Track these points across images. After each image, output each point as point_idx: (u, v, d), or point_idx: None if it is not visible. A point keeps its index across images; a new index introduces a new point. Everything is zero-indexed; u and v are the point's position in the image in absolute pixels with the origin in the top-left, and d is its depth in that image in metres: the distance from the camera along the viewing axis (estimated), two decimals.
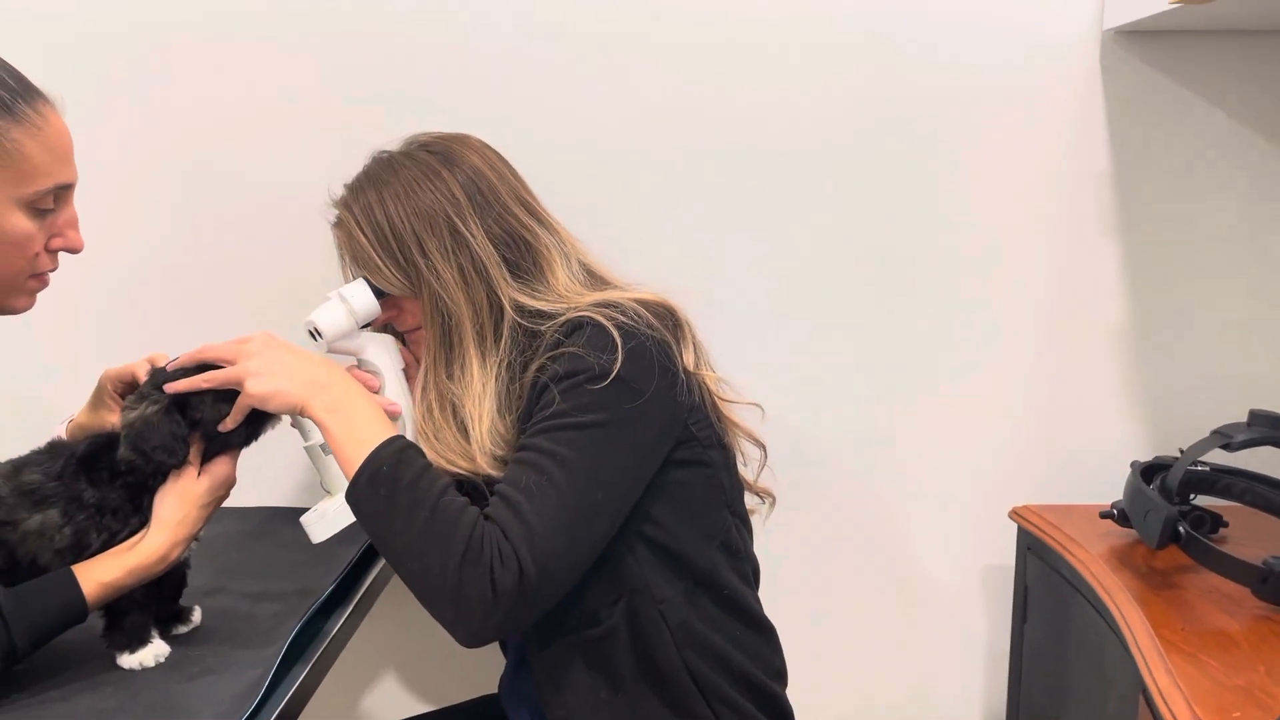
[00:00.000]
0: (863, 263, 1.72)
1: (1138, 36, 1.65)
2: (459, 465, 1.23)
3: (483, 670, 1.64)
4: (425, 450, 1.22)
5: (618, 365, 1.14)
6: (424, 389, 1.28)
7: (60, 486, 1.14)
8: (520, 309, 1.24)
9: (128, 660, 1.15)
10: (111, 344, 1.61)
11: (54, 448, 1.19)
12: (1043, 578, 1.59)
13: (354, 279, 1.31)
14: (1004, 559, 1.75)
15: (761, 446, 1.37)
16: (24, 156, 1.07)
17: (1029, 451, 1.75)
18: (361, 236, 1.27)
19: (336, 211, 1.32)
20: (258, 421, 1.19)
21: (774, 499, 1.40)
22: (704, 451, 1.25)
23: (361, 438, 1.12)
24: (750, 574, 1.34)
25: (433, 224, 1.25)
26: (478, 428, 1.22)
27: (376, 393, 1.30)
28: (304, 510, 1.64)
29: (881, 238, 1.71)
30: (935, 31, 1.66)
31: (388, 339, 1.35)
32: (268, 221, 1.68)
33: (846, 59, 1.66)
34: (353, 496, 1.12)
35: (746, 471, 1.37)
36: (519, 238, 1.28)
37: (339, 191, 1.33)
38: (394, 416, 1.29)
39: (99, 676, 1.14)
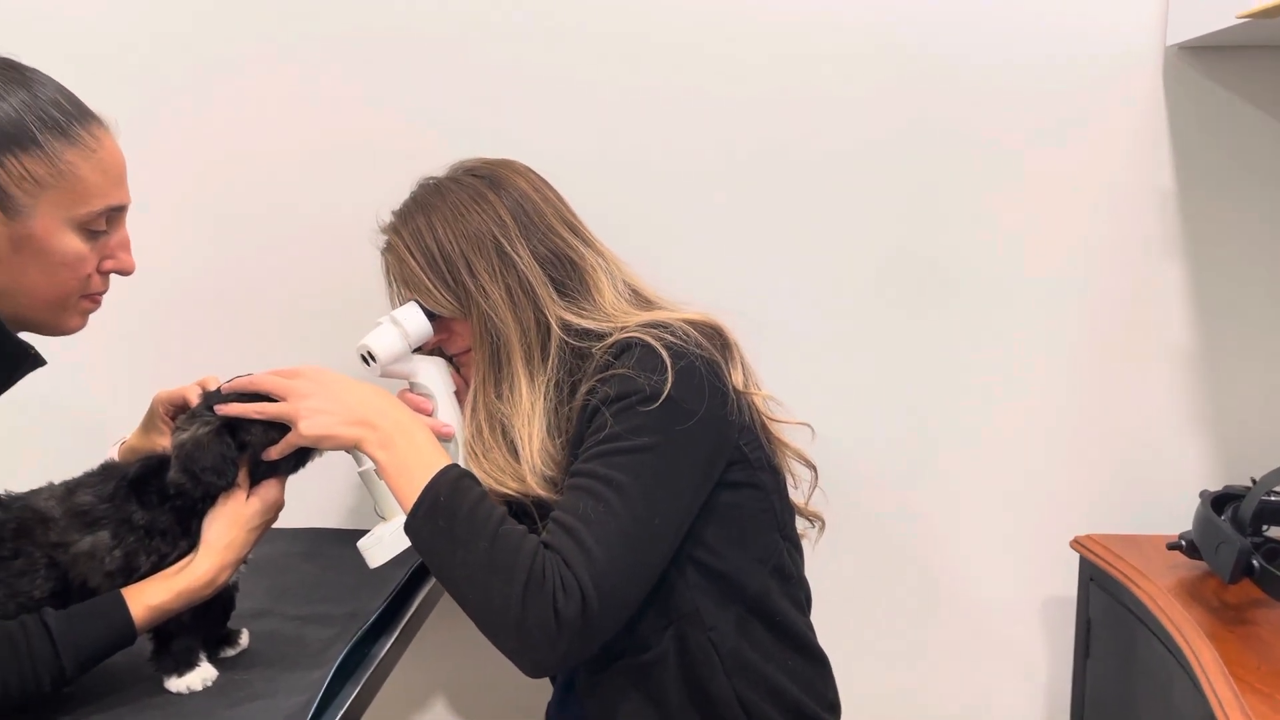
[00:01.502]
0: (916, 282, 1.69)
1: (1202, 52, 1.61)
2: (508, 486, 1.23)
3: (530, 696, 1.62)
4: (474, 469, 1.23)
5: (668, 386, 1.14)
6: (473, 409, 1.28)
7: (111, 509, 1.15)
8: (567, 328, 1.25)
9: (175, 684, 1.15)
10: (162, 366, 1.61)
11: (106, 469, 1.20)
12: (1107, 610, 1.54)
13: (403, 303, 1.32)
14: (1065, 590, 1.70)
15: (812, 467, 1.35)
16: (78, 178, 1.08)
17: (1092, 479, 1.71)
18: (411, 260, 1.29)
19: (386, 237, 1.34)
20: (305, 453, 1.20)
21: (824, 523, 1.38)
22: (755, 473, 1.24)
23: (416, 471, 1.13)
24: (803, 600, 1.32)
25: (480, 246, 1.26)
26: (528, 448, 1.23)
27: (429, 415, 1.32)
28: (352, 532, 1.64)
29: (935, 256, 1.68)
30: (994, 47, 1.63)
31: (439, 361, 1.36)
32: (316, 247, 1.69)
33: (900, 75, 1.64)
34: (411, 529, 1.12)
35: (796, 494, 1.35)
36: (565, 258, 1.29)
37: (387, 218, 1.34)
38: (446, 438, 1.29)
39: (146, 700, 1.13)
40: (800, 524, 1.35)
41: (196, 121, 1.67)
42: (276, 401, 1.16)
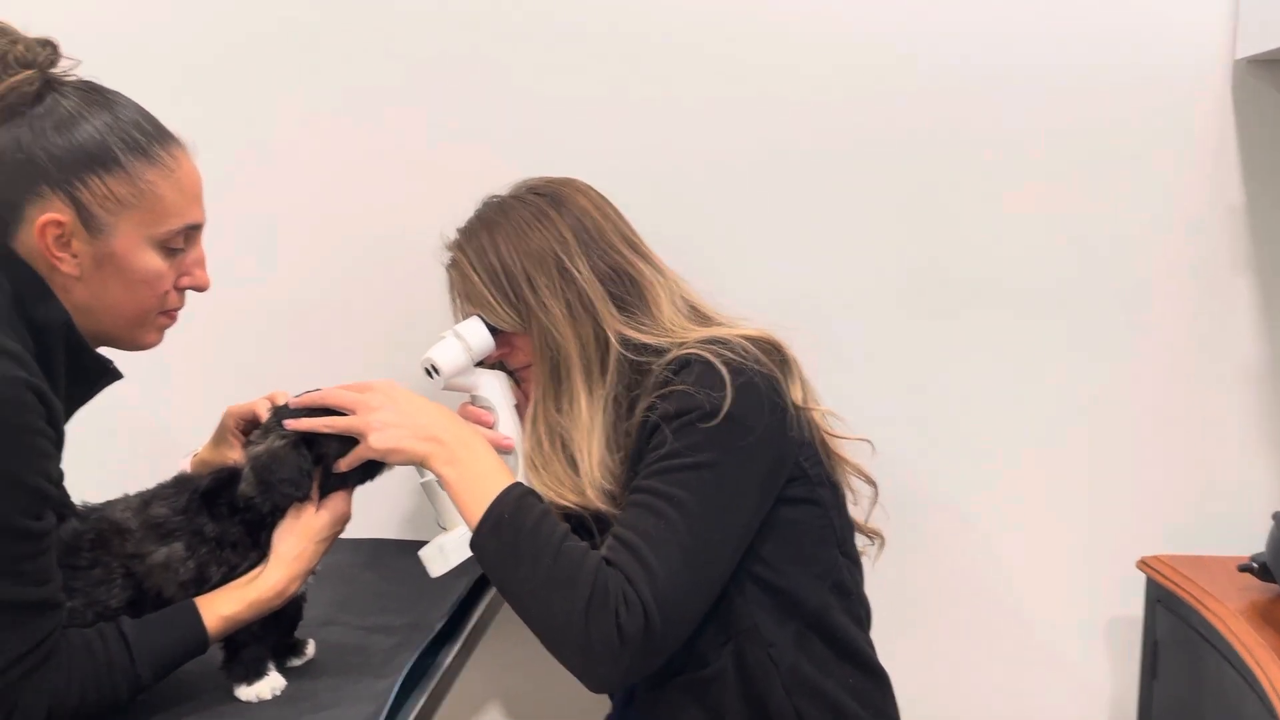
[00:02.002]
0: (978, 298, 1.67)
1: (1272, 65, 1.58)
2: (568, 499, 1.24)
3: (589, 709, 1.62)
4: (534, 481, 1.24)
5: (727, 402, 1.14)
6: (533, 422, 1.30)
7: (185, 520, 1.17)
8: (626, 342, 1.26)
9: (245, 692, 1.17)
10: (230, 380, 1.63)
11: (179, 482, 1.22)
12: (1174, 632, 1.51)
13: (466, 318, 1.33)
14: (1131, 611, 1.67)
15: (872, 483, 1.35)
16: (157, 197, 1.11)
17: (1159, 499, 1.67)
18: (475, 276, 1.31)
19: (451, 254, 1.37)
20: (374, 465, 1.22)
21: (883, 540, 1.38)
22: (814, 489, 1.25)
23: (481, 488, 1.15)
24: (863, 616, 1.32)
25: (542, 262, 1.28)
26: (587, 461, 1.24)
27: (490, 428, 1.33)
28: (410, 542, 1.65)
29: (998, 272, 1.66)
30: (1057, 57, 1.61)
31: (501, 375, 1.37)
32: (382, 262, 1.71)
33: (963, 92, 1.63)
34: (476, 545, 1.15)
35: (856, 510, 1.35)
36: (624, 274, 1.30)
37: (453, 235, 1.37)
38: (507, 451, 1.31)
39: (216, 708, 1.15)
40: (860, 541, 1.35)
41: (266, 140, 1.70)
42: (346, 415, 1.18)
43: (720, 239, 1.67)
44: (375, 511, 1.73)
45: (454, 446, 1.17)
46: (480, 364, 1.36)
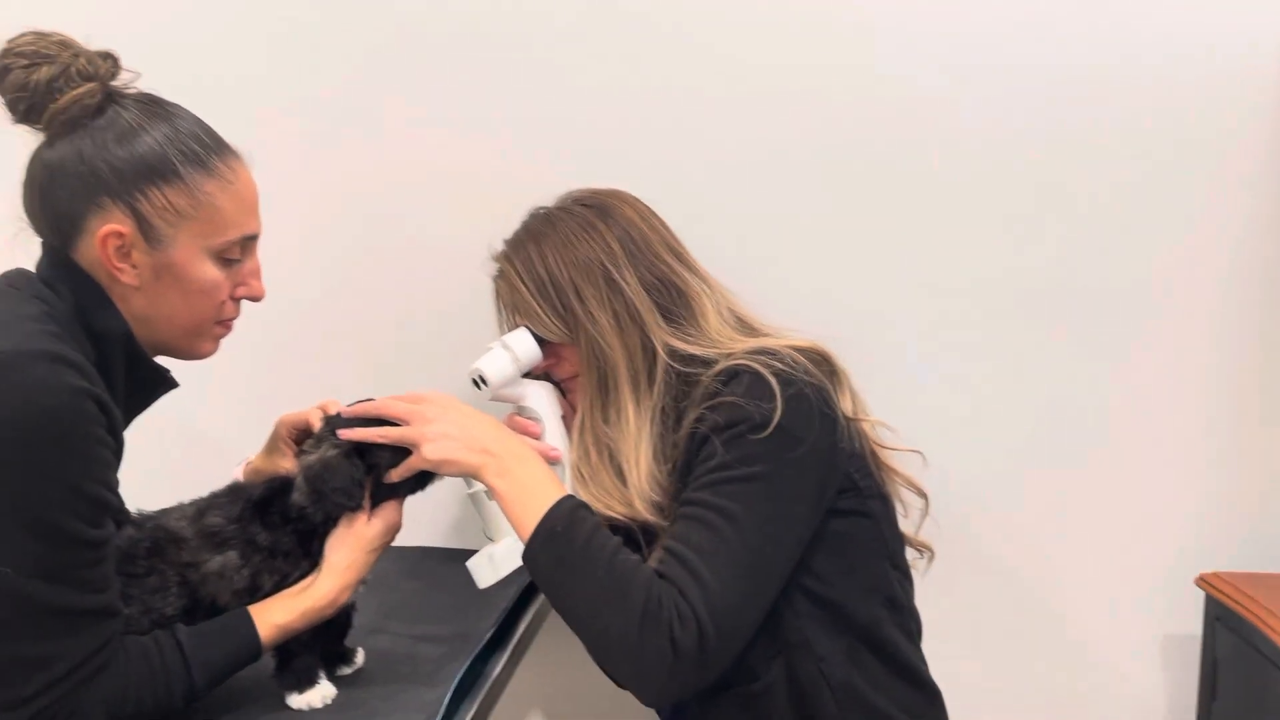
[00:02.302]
0: (1030, 304, 1.65)
1: None
2: (615, 510, 1.24)
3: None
4: (581, 492, 1.25)
5: (778, 414, 1.14)
6: (580, 432, 1.30)
7: (238, 529, 1.18)
8: (673, 353, 1.26)
9: (296, 701, 1.17)
10: (281, 388, 1.65)
11: (233, 491, 1.23)
12: (1235, 651, 1.48)
13: (514, 329, 1.34)
14: (1189, 629, 1.64)
15: (923, 495, 1.34)
16: (215, 208, 1.12)
17: (1218, 514, 1.64)
18: (523, 287, 1.32)
19: (498, 265, 1.37)
20: (425, 476, 1.22)
21: (933, 553, 1.36)
22: (865, 501, 1.24)
23: (534, 501, 1.15)
24: (914, 630, 1.30)
25: (589, 273, 1.29)
26: (635, 473, 1.24)
27: (537, 439, 1.34)
28: (457, 550, 1.65)
29: (1051, 277, 1.64)
30: (1121, 64, 1.59)
31: (548, 386, 1.38)
32: (429, 273, 1.72)
33: (1019, 94, 1.60)
34: (529, 558, 1.15)
35: (906, 523, 1.33)
36: (671, 284, 1.30)
37: (500, 246, 1.38)
38: (554, 462, 1.31)
39: (268, 716, 1.16)
40: (909, 554, 1.33)
41: (315, 150, 1.71)
42: (400, 426, 1.18)
43: (766, 248, 1.66)
44: (420, 520, 1.72)
45: (506, 459, 1.18)
46: (527, 375, 1.37)
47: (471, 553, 1.59)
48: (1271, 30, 1.56)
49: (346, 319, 1.74)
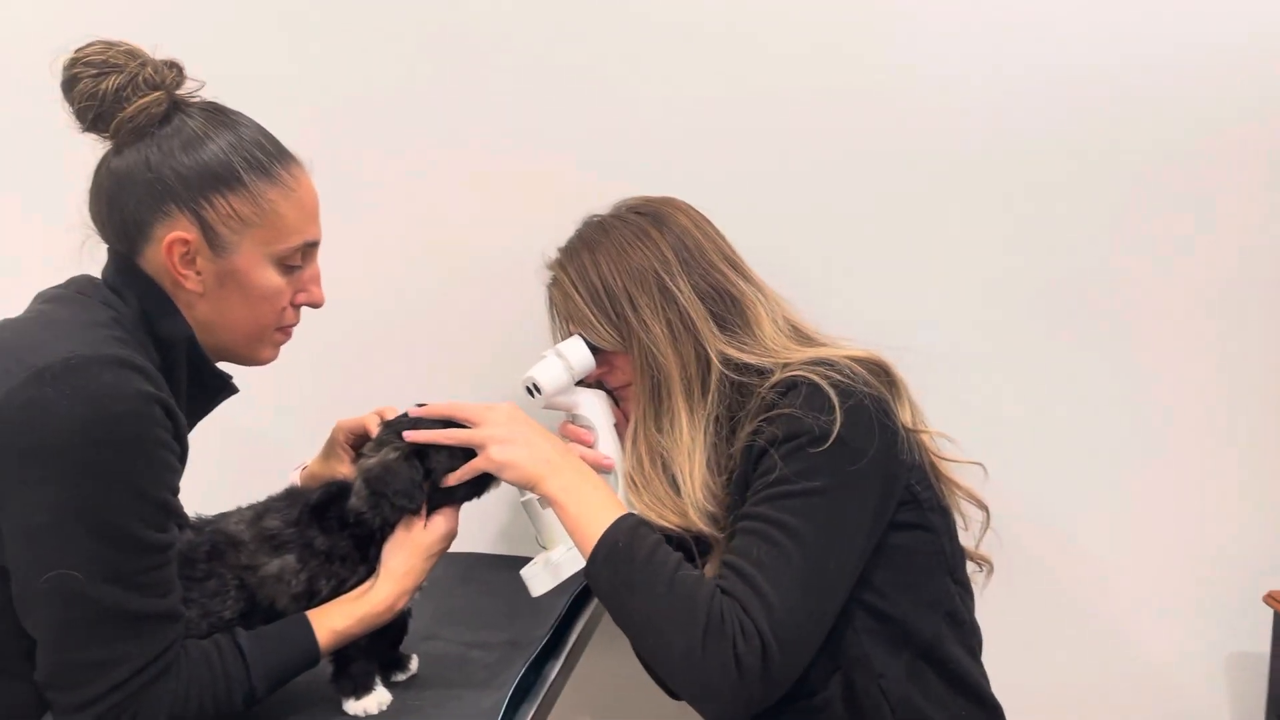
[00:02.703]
0: (1092, 313, 1.61)
1: None
2: (669, 520, 1.24)
3: None
4: (634, 501, 1.24)
5: (837, 426, 1.13)
6: (634, 441, 1.30)
7: (296, 533, 1.18)
8: (728, 361, 1.25)
9: (353, 706, 1.18)
10: (336, 394, 1.66)
11: (291, 495, 1.24)
12: None
13: (567, 337, 1.34)
14: (1256, 646, 1.60)
15: (984, 508, 1.32)
16: (278, 215, 1.13)
17: None
18: (576, 295, 1.32)
19: (552, 273, 1.37)
20: (484, 481, 1.22)
21: (992, 566, 1.34)
22: (925, 514, 1.22)
23: (594, 518, 1.16)
24: (975, 646, 1.28)
25: (643, 282, 1.28)
26: (689, 483, 1.23)
27: (590, 447, 1.34)
28: (506, 557, 1.65)
29: (1112, 283, 1.60)
30: (1196, 65, 1.54)
31: (601, 394, 1.37)
32: (482, 281, 1.72)
33: (1083, 96, 1.56)
34: (591, 573, 1.15)
35: (967, 536, 1.31)
36: (725, 293, 1.29)
37: (554, 254, 1.38)
38: (607, 471, 1.31)
39: None
40: (968, 567, 1.31)
41: (371, 157, 1.72)
42: (466, 428, 1.20)
43: (820, 256, 1.64)
44: (469, 526, 1.73)
45: (569, 473, 1.19)
46: (580, 383, 1.36)
47: (521, 560, 1.59)
48: None
49: (402, 326, 1.75)
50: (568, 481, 1.18)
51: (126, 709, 1.02)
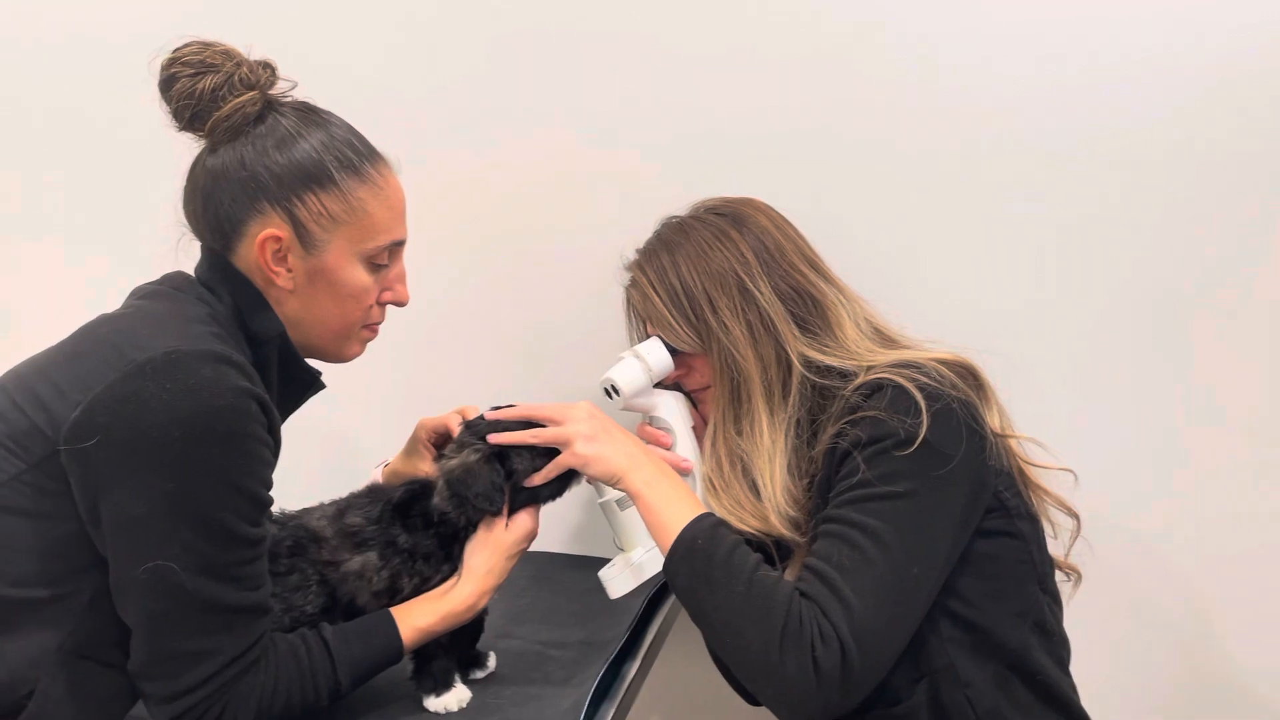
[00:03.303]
0: (1192, 312, 1.54)
1: None
2: (749, 524, 1.22)
3: None
4: (713, 505, 1.23)
5: (923, 429, 1.11)
6: (713, 444, 1.29)
7: (378, 530, 1.19)
8: (809, 364, 1.24)
9: (433, 703, 1.18)
10: (415, 392, 1.68)
11: (373, 492, 1.25)
12: None
13: (645, 339, 1.34)
14: None
15: (1075, 516, 1.28)
16: (367, 214, 1.14)
17: None
18: (655, 297, 1.31)
19: (630, 274, 1.37)
20: (566, 479, 1.23)
21: (1080, 575, 1.31)
22: (1013, 521, 1.19)
23: (674, 514, 1.15)
24: (1065, 657, 1.25)
25: (723, 283, 1.27)
26: (770, 486, 1.22)
27: (668, 449, 1.33)
28: (578, 557, 1.66)
29: (1206, 283, 1.53)
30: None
31: (679, 397, 1.37)
32: (562, 281, 1.71)
33: (1180, 89, 1.50)
34: (669, 570, 1.15)
35: (1056, 545, 1.28)
36: (806, 294, 1.28)
37: (632, 255, 1.37)
38: (685, 473, 1.30)
39: (406, 718, 1.17)
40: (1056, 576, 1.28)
41: (451, 157, 1.72)
42: (548, 428, 1.20)
43: (903, 255, 1.61)
44: (542, 526, 1.74)
45: (650, 470, 1.19)
46: (658, 385, 1.36)
47: (590, 560, 1.60)
48: None
49: (483, 325, 1.75)
50: (650, 476, 1.18)
51: (217, 701, 1.03)
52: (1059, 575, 1.28)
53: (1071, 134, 1.54)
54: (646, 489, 1.17)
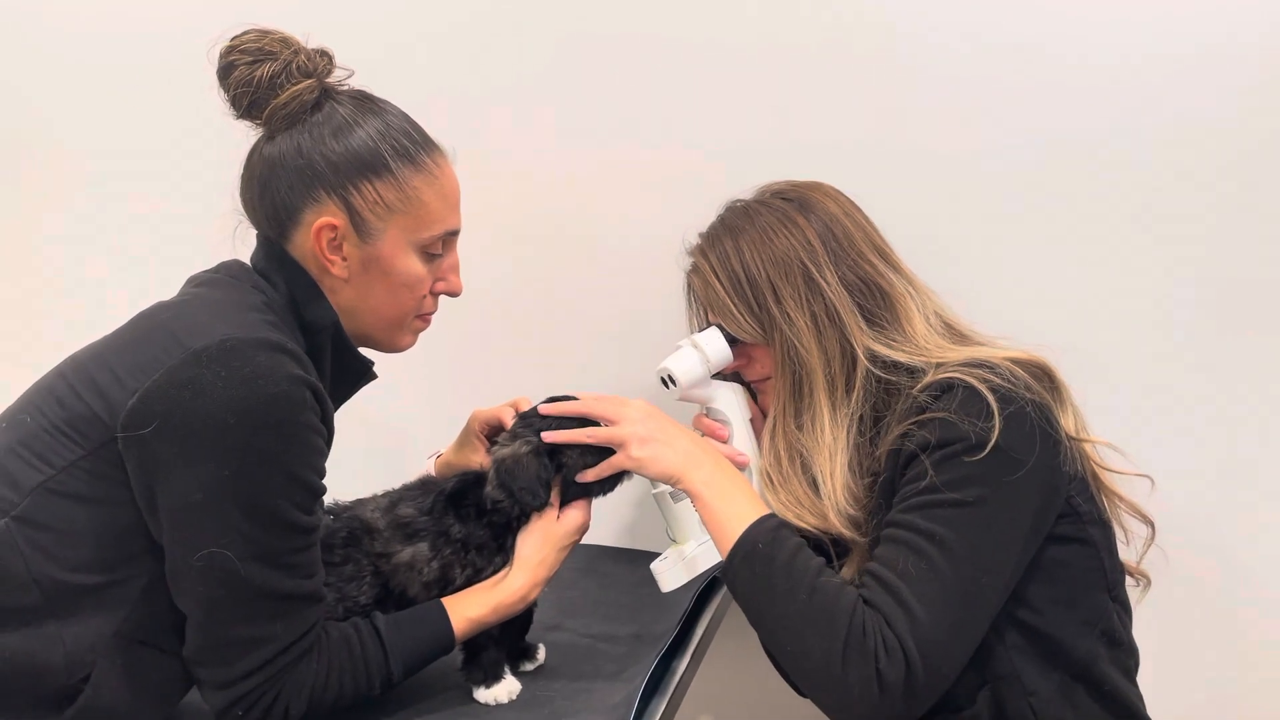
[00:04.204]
0: (1271, 313, 1.48)
1: None
2: (806, 520, 1.19)
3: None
4: (770, 499, 1.20)
5: (995, 433, 1.07)
6: (772, 437, 1.25)
7: (430, 521, 1.19)
8: (875, 358, 1.20)
9: (484, 695, 1.18)
10: (467, 382, 1.68)
11: (425, 483, 1.25)
12: None
13: (704, 327, 1.31)
14: None
15: (1150, 523, 1.24)
16: (422, 203, 1.13)
17: None
18: (717, 283, 1.27)
19: (692, 259, 1.33)
20: (618, 476, 1.21)
21: (1149, 580, 1.26)
22: (1085, 527, 1.15)
23: (735, 514, 1.13)
24: (1132, 667, 1.21)
25: (787, 271, 1.23)
26: (830, 483, 1.19)
27: (724, 442, 1.30)
28: (627, 550, 1.64)
29: None
30: None
31: (738, 388, 1.34)
32: (617, 268, 1.70)
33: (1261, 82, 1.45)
34: (728, 574, 1.13)
35: (1127, 551, 1.23)
36: (874, 285, 1.23)
37: (694, 240, 1.33)
38: (741, 467, 1.27)
39: (457, 708, 1.17)
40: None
41: (509, 146, 1.71)
42: (604, 426, 1.18)
43: (975, 247, 1.56)
44: (594, 518, 1.73)
45: (710, 470, 1.16)
46: (717, 375, 1.33)
47: (639, 553, 1.58)
48: None
49: (537, 315, 1.74)
50: (708, 475, 1.16)
51: (271, 687, 1.04)
52: (1127, 580, 1.25)
53: (1151, 124, 1.49)
54: (705, 489, 1.15)
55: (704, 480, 1.15)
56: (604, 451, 1.18)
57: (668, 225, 1.38)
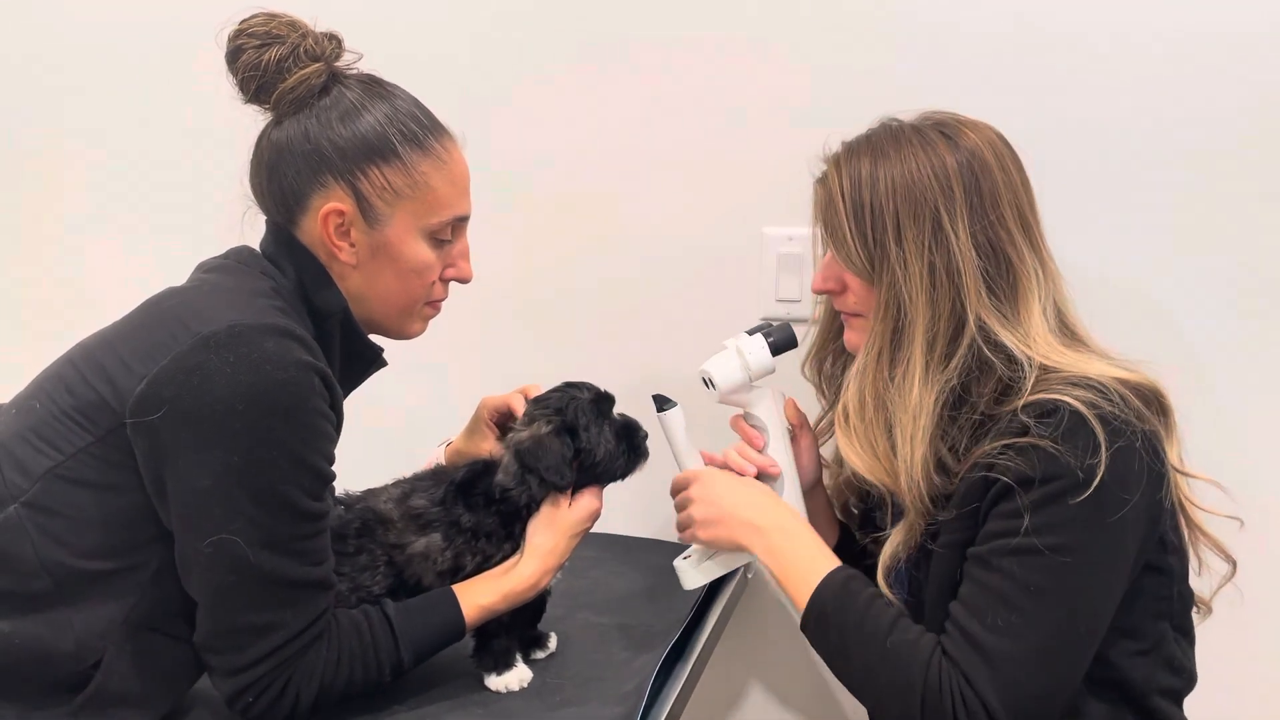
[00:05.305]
0: None
1: None
2: (876, 474, 1.12)
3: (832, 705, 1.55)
4: (841, 442, 1.15)
5: (1101, 470, 0.99)
6: (859, 379, 1.14)
7: (442, 511, 1.19)
8: (984, 331, 1.09)
9: (494, 682, 1.18)
10: (476, 371, 1.67)
11: (437, 473, 1.24)
12: None
13: (821, 242, 1.22)
14: None
15: (1232, 562, 1.18)
16: (431, 189, 1.12)
17: None
18: (841, 204, 1.14)
19: (825, 169, 1.20)
20: (633, 461, 1.21)
21: (1210, 609, 1.20)
22: (1165, 557, 1.10)
23: (803, 576, 1.14)
24: (1183, 692, 1.16)
25: (917, 213, 1.10)
26: (908, 447, 1.10)
27: (760, 449, 1.28)
28: (640, 540, 1.63)
29: None
30: None
31: (777, 395, 1.30)
32: (636, 259, 1.68)
33: None
34: (806, 632, 1.14)
35: (1198, 581, 1.18)
36: (1004, 254, 1.11)
37: (835, 146, 1.20)
38: (773, 477, 1.27)
39: (466, 696, 1.17)
40: None
41: (532, 132, 1.69)
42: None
43: (1090, 253, 1.43)
44: (605, 506, 1.71)
45: (773, 535, 1.18)
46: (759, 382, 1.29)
47: (655, 542, 1.58)
48: None
49: (547, 302, 1.73)
50: (773, 542, 1.18)
51: (281, 674, 1.03)
52: None
53: (1249, 120, 1.42)
54: (770, 558, 1.17)
55: (767, 549, 1.18)
56: (624, 432, 1.21)
57: (680, 215, 1.36)
